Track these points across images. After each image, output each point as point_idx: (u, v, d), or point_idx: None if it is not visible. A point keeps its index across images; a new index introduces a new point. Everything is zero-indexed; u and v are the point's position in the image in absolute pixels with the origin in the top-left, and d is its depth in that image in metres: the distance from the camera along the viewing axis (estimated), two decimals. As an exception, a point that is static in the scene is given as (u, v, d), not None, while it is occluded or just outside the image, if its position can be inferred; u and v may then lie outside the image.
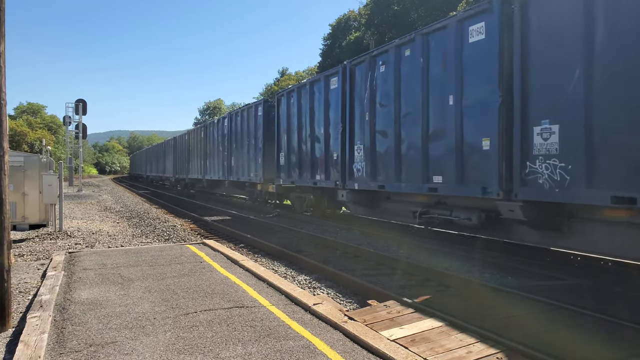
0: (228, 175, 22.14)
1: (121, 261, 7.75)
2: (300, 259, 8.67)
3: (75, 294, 5.74)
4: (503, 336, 4.39)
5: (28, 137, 57.15)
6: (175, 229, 13.43)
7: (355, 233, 12.03)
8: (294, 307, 5.25)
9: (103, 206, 21.57)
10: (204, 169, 26.34)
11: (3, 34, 4.79)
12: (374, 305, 5.61)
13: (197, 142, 28.39)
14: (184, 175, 31.61)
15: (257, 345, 4.15)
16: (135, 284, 6.25)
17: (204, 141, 26.61)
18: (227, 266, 7.35)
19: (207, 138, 26.05)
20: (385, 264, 8.45)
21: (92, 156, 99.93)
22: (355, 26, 41.02)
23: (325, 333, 4.46)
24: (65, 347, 4.11)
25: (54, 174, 12.08)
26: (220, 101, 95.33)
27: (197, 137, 28.47)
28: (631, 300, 5.90)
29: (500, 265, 7.96)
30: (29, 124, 63.94)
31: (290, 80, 55.24)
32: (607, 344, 4.40)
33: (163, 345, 4.13)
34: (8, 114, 5.01)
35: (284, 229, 13.00)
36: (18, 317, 5.19)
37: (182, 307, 5.23)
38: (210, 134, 25.56)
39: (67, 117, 34.51)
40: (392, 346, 4.12)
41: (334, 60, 36.78)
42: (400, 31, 28.95)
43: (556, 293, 6.01)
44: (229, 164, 22.00)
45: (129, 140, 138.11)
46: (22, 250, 9.49)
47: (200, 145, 27.48)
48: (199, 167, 27.47)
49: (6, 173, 4.87)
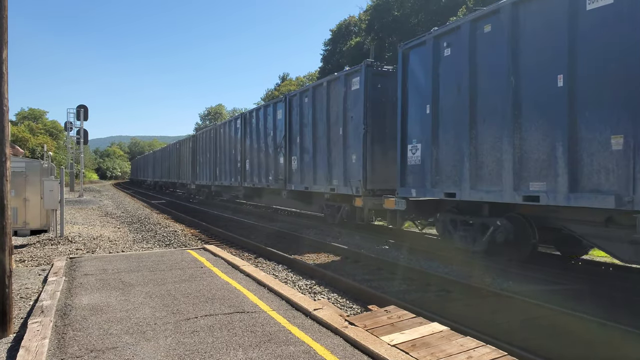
0: (288, 183, 16.15)
1: (122, 266, 7.75)
2: (300, 262, 8.66)
3: (76, 300, 5.74)
4: (504, 341, 4.39)
5: (29, 142, 57.26)
6: (176, 234, 13.44)
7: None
8: (295, 312, 5.24)
9: (104, 211, 21.59)
10: (242, 174, 20.64)
11: (5, 41, 4.83)
12: (374, 310, 5.61)
13: (228, 138, 22.82)
14: (208, 181, 26.14)
15: (257, 350, 4.14)
16: (136, 289, 6.25)
17: (241, 137, 20.73)
18: (227, 271, 7.35)
19: (245, 133, 20.41)
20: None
21: (93, 161, 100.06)
22: (355, 31, 41.16)
23: (325, 338, 4.46)
24: (66, 352, 4.12)
25: (55, 179, 12.10)
26: (221, 106, 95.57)
27: (228, 131, 22.68)
28: (632, 305, 5.89)
29: (501, 270, 7.95)
30: (31, 130, 64.10)
31: (291, 86, 55.35)
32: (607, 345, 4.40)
33: (164, 350, 4.13)
34: (9, 120, 5.04)
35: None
36: (19, 323, 5.20)
37: (182, 312, 5.23)
38: (252, 126, 19.61)
39: (69, 123, 34.63)
40: (393, 351, 4.12)
41: (335, 65, 36.88)
42: (401, 36, 29.04)
43: (557, 298, 6.01)
44: (288, 167, 16.08)
45: (130, 145, 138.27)
46: (23, 256, 9.50)
47: (232, 143, 22.01)
48: (232, 171, 22.11)
49: (8, 179, 4.89)
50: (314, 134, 14.33)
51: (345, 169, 12.71)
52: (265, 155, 18.15)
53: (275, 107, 17.28)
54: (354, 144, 12.38)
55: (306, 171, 14.96)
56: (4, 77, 4.81)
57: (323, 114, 13.80)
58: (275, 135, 17.19)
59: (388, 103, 12.09)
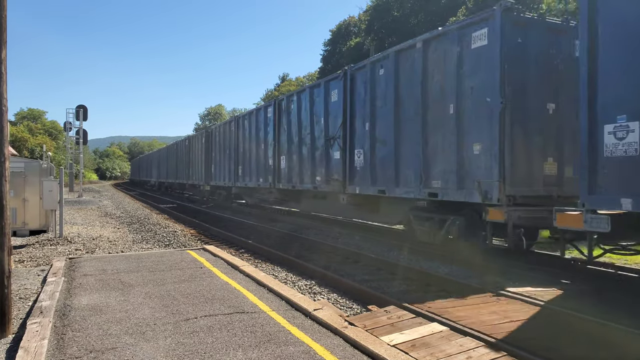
0: (349, 185, 12.33)
1: (121, 267, 7.75)
2: (300, 264, 8.66)
3: (76, 300, 5.73)
4: (503, 341, 4.38)
5: (29, 142, 57.26)
6: (175, 235, 13.43)
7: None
8: (295, 313, 5.24)
9: (103, 212, 21.57)
10: (276, 173, 16.93)
11: (4, 41, 4.83)
12: (374, 311, 5.61)
13: (254, 131, 19.10)
14: (228, 182, 22.38)
15: (257, 351, 4.14)
16: (136, 289, 6.25)
17: (274, 129, 17.00)
18: (227, 272, 7.34)
19: (279, 124, 16.75)
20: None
21: (92, 162, 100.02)
22: (355, 32, 41.19)
23: (325, 338, 4.45)
24: (65, 353, 4.11)
25: (54, 179, 12.10)
26: (221, 106, 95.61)
27: (255, 123, 19.08)
28: (633, 306, 5.89)
29: (501, 271, 7.94)
30: (30, 130, 64.08)
31: (291, 86, 55.36)
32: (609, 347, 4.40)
33: (163, 351, 4.13)
34: (8, 120, 5.03)
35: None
36: (18, 324, 5.19)
37: (182, 312, 5.22)
38: (289, 115, 15.94)
39: (68, 123, 34.61)
40: (392, 351, 4.12)
41: (335, 65, 36.89)
42: (400, 37, 29.05)
43: (558, 298, 6.01)
44: (348, 164, 12.44)
45: (130, 145, 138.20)
46: (23, 257, 9.49)
47: (261, 136, 18.30)
48: (260, 170, 18.49)
49: (7, 179, 4.88)
50: (397, 117, 10.43)
51: (459, 165, 8.77)
52: (310, 150, 14.42)
53: (328, 86, 13.48)
54: (478, 127, 8.47)
55: (380, 169, 11.11)
56: (3, 77, 4.80)
57: (415, 87, 9.85)
58: (326, 123, 13.43)
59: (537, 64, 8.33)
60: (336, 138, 12.88)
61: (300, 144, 15.11)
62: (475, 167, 8.47)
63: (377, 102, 11.21)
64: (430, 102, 9.55)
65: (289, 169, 15.96)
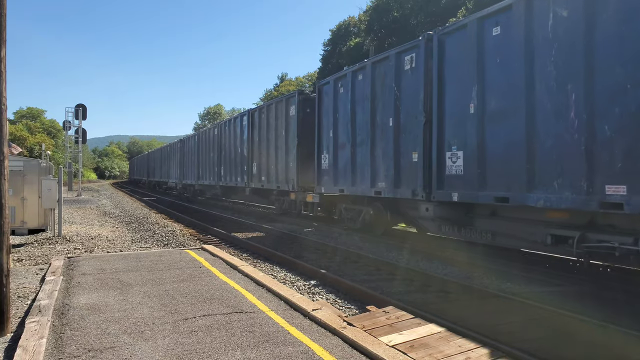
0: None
1: (120, 266, 7.74)
2: (300, 264, 8.66)
3: (74, 299, 5.73)
4: (502, 342, 4.39)
5: (27, 141, 57.17)
6: (174, 234, 13.42)
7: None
8: (293, 313, 5.24)
9: (102, 211, 21.55)
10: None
11: (4, 40, 4.82)
12: (373, 311, 5.61)
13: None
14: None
15: (256, 350, 4.14)
16: (134, 289, 6.24)
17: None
18: (226, 271, 7.34)
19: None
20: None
21: (91, 161, 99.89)
22: (355, 32, 41.20)
23: (324, 339, 4.45)
24: (63, 352, 4.10)
25: (53, 178, 12.08)
26: (220, 106, 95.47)
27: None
28: (632, 307, 5.90)
29: (500, 272, 7.95)
30: (29, 129, 63.98)
31: (290, 86, 55.37)
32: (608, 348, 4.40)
33: (162, 350, 4.12)
34: (7, 119, 5.03)
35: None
36: (17, 322, 5.18)
37: (181, 312, 5.22)
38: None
39: (67, 122, 34.54)
40: (391, 352, 4.12)
41: (334, 65, 36.91)
42: (400, 37, 29.05)
43: (556, 299, 6.01)
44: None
45: (129, 145, 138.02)
46: (21, 255, 9.48)
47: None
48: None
49: (6, 178, 4.88)
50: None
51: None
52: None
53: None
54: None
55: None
56: (2, 75, 4.79)
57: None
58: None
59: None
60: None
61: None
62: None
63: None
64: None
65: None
